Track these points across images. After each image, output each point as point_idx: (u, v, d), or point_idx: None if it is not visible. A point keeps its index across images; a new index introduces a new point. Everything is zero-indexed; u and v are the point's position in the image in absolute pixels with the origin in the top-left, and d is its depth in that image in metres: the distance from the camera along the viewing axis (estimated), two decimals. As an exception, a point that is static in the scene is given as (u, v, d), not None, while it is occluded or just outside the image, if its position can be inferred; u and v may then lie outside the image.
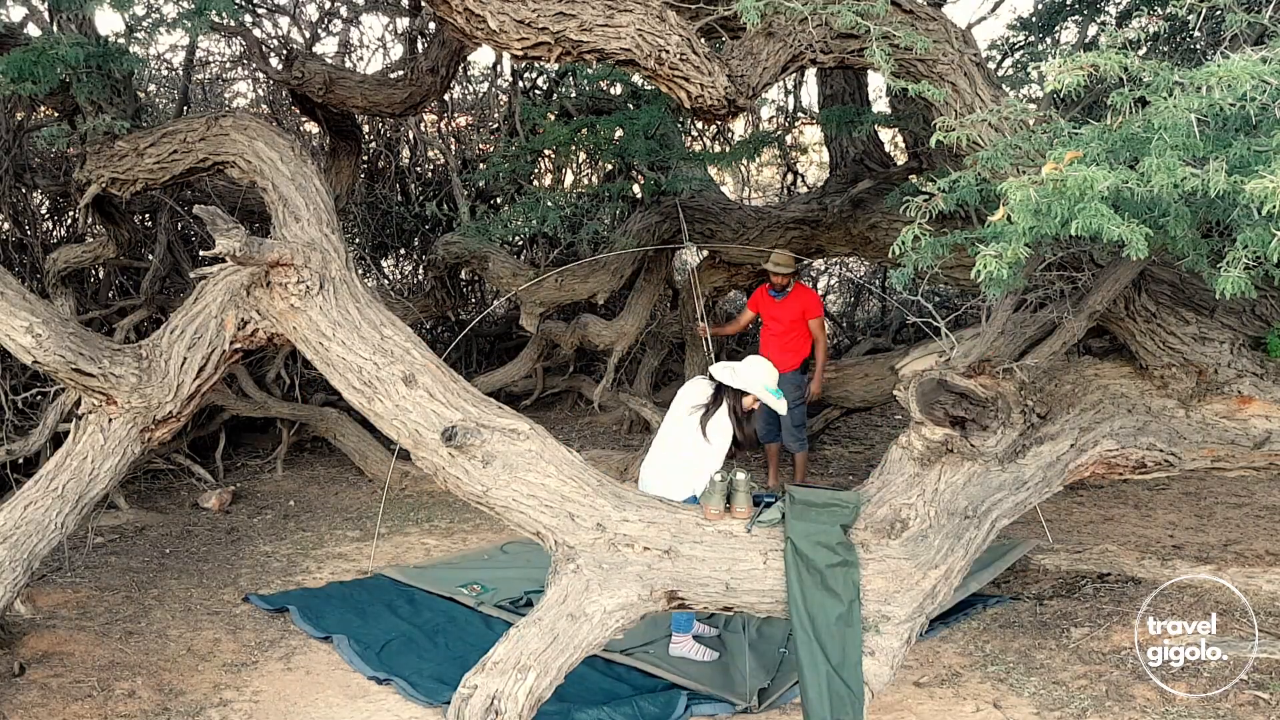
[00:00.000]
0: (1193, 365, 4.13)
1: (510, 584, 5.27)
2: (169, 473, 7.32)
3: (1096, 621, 4.58)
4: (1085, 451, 4.02)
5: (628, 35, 3.82)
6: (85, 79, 4.83)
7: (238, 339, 4.29)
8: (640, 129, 6.93)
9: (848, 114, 6.56)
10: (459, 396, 3.92)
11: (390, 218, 9.11)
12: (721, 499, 3.77)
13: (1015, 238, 2.75)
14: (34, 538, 4.14)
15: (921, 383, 3.75)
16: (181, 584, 5.47)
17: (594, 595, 3.52)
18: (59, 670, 4.42)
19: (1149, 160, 2.59)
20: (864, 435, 8.50)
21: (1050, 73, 2.86)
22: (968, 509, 3.78)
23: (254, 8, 7.83)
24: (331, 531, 6.38)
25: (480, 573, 5.49)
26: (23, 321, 4.12)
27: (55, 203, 7.54)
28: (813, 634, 3.53)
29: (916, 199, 3.24)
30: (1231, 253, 2.64)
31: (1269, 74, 2.47)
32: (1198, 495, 6.34)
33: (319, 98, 5.81)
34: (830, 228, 6.95)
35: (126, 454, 4.34)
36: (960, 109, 4.08)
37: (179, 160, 4.87)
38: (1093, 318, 4.10)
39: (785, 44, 4.16)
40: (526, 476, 3.75)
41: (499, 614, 4.95)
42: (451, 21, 3.91)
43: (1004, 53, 6.53)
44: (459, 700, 3.29)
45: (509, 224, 7.46)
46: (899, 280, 3.61)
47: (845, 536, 3.63)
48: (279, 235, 4.33)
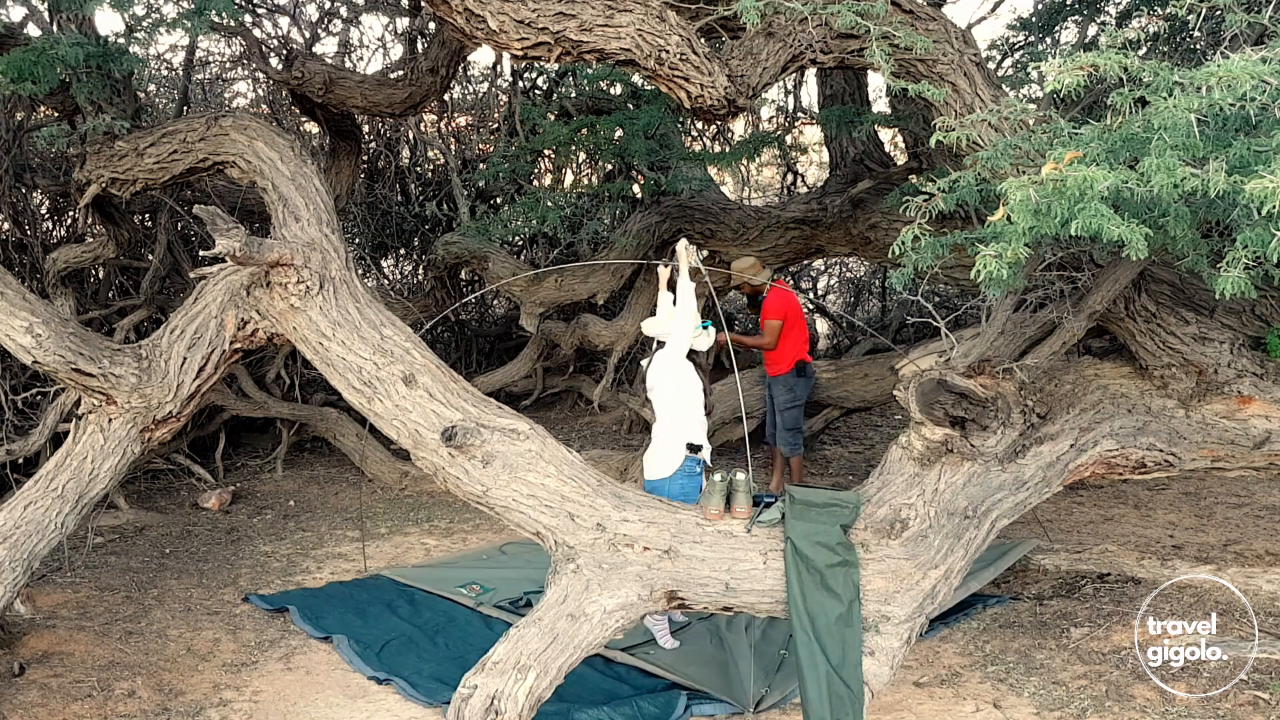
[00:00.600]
0: (1193, 365, 4.13)
1: (510, 584, 5.27)
2: (169, 473, 7.31)
3: (1096, 621, 4.58)
4: (1085, 451, 4.03)
5: (628, 35, 3.83)
6: (85, 79, 4.83)
7: (238, 339, 4.29)
8: (640, 129, 6.93)
9: (848, 114, 6.57)
10: (459, 396, 3.92)
11: (390, 218, 9.11)
12: (721, 499, 3.77)
13: (1015, 238, 2.75)
14: (34, 538, 4.14)
15: (921, 383, 3.75)
16: (181, 584, 5.47)
17: (594, 595, 3.52)
18: (59, 670, 4.42)
19: (1149, 160, 2.59)
20: (864, 435, 8.49)
21: (1050, 73, 2.86)
22: (968, 509, 3.78)
23: (254, 8, 7.84)
24: (331, 531, 6.38)
25: (479, 573, 5.49)
26: (23, 321, 4.12)
27: (55, 203, 7.54)
28: (812, 634, 3.53)
29: (916, 199, 3.24)
30: (1231, 253, 2.64)
31: (1269, 74, 2.47)
32: (1198, 495, 6.34)
33: (319, 98, 5.81)
34: (830, 228, 6.95)
35: (126, 454, 4.34)
36: (960, 109, 4.08)
37: (179, 160, 4.87)
38: (1093, 318, 4.10)
39: (785, 44, 4.16)
40: (526, 476, 3.75)
41: (498, 614, 4.95)
42: (451, 21, 3.91)
43: (1004, 53, 6.53)
44: (459, 700, 3.29)
45: (509, 224, 7.46)
46: (899, 280, 3.61)
47: (845, 536, 3.63)
48: (279, 235, 4.32)
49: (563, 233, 7.68)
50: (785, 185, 10.28)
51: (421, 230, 9.26)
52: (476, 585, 5.28)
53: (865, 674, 3.53)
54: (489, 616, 4.97)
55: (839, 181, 7.07)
